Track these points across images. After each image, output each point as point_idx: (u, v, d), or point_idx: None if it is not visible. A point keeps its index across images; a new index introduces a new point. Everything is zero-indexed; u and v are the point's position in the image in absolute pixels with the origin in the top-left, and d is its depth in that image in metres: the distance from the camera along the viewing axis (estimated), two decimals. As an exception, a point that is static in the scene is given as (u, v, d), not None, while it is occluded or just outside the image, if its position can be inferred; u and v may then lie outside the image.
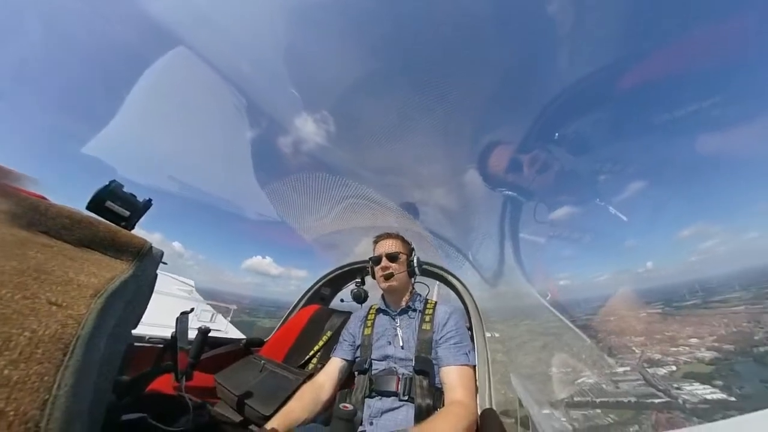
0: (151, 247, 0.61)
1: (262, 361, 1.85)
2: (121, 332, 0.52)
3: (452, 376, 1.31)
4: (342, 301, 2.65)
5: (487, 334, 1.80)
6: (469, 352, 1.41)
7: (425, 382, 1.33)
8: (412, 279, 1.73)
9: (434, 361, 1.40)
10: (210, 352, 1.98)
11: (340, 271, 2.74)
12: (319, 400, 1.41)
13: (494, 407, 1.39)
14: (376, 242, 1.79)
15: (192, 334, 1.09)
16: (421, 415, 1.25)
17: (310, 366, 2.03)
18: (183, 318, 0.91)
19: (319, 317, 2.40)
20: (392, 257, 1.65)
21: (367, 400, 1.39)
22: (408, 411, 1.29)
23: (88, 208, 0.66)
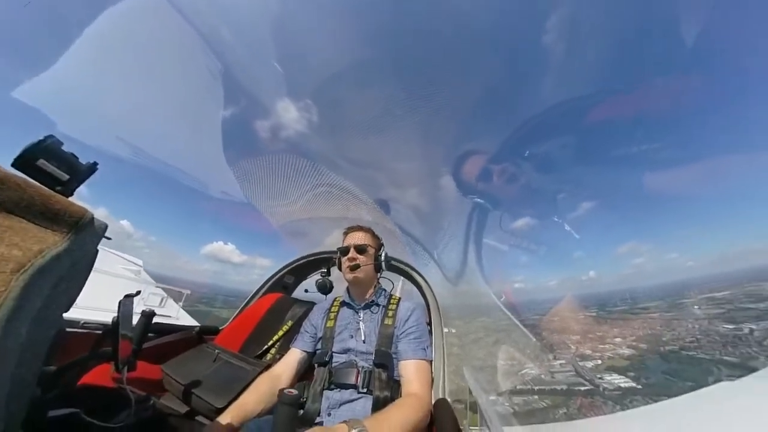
0: (93, 218, 0.53)
1: (216, 351, 1.74)
2: (49, 315, 0.45)
3: (410, 370, 1.35)
4: (306, 291, 2.59)
5: (445, 330, 1.87)
6: (427, 347, 1.46)
7: (384, 375, 1.36)
8: (378, 274, 1.75)
9: (394, 355, 1.43)
10: (157, 339, 1.82)
11: (305, 260, 2.67)
12: (275, 392, 1.38)
13: (447, 397, 1.46)
14: (346, 233, 1.79)
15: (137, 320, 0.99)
16: (378, 406, 1.27)
17: (268, 357, 1.96)
18: (127, 301, 0.82)
19: (280, 306, 2.31)
20: (360, 249, 1.66)
21: (325, 392, 1.39)
22: (366, 403, 1.31)
23: (15, 165, 0.54)
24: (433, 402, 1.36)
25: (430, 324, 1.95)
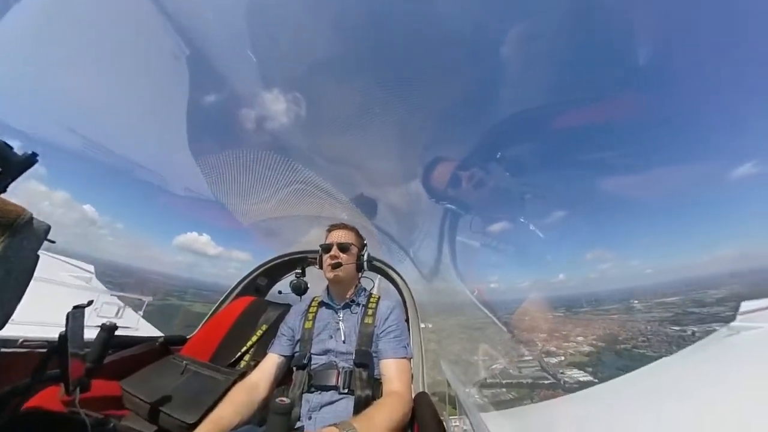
0: (32, 218, 0.46)
1: (184, 362, 1.62)
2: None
3: (391, 368, 1.35)
4: (280, 292, 2.50)
5: (422, 326, 1.91)
6: (407, 344, 1.46)
7: (365, 374, 1.35)
8: (360, 273, 1.73)
9: (374, 354, 1.42)
10: (116, 354, 1.66)
11: (279, 261, 2.58)
12: (254, 401, 1.31)
13: (426, 390, 1.50)
14: (329, 230, 1.75)
15: (91, 334, 0.88)
16: (360, 406, 1.26)
17: (242, 364, 1.86)
18: (77, 313, 0.73)
19: (253, 310, 2.21)
20: (343, 248, 1.63)
21: (305, 395, 1.35)
22: (348, 403, 1.29)
23: None
24: (413, 396, 1.37)
25: (407, 320, 1.97)
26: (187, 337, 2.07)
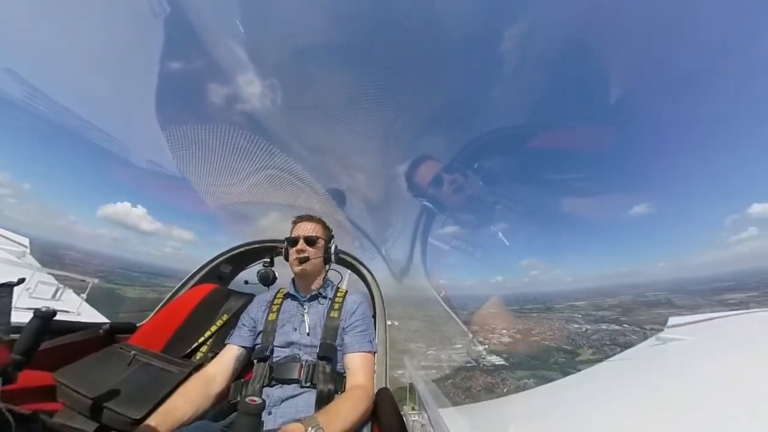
0: None
1: (132, 352, 1.50)
2: None
3: (355, 362, 1.36)
4: (246, 282, 2.40)
5: (388, 322, 1.93)
6: (372, 339, 1.48)
7: (328, 368, 1.34)
8: (327, 266, 1.72)
9: (338, 348, 1.41)
10: (53, 341, 1.48)
11: (246, 248, 2.46)
12: (210, 394, 1.26)
13: (388, 385, 1.53)
14: (295, 223, 1.71)
15: (22, 318, 0.78)
16: (322, 400, 1.25)
17: (199, 355, 1.76)
18: (2, 292, 0.64)
19: (214, 298, 2.10)
20: (310, 241, 1.60)
21: (265, 389, 1.31)
22: (309, 397, 1.28)
23: None
24: (375, 391, 1.39)
25: (374, 316, 1.98)
26: (138, 324, 1.92)
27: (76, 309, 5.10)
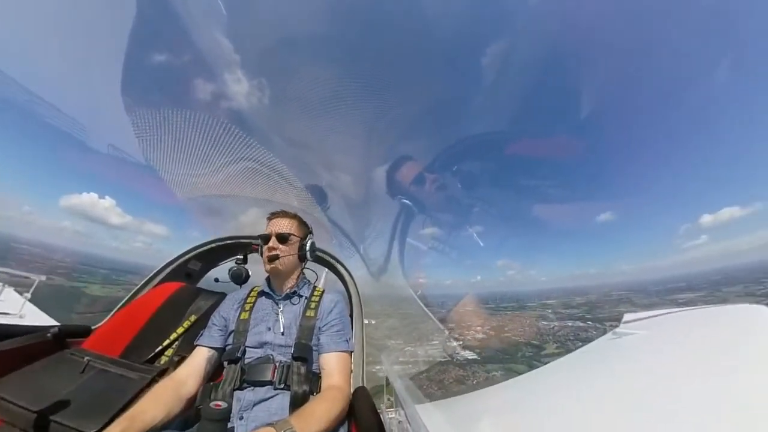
0: None
1: (86, 358, 1.36)
2: None
3: (331, 362, 1.34)
4: (216, 280, 2.28)
5: (365, 321, 1.92)
6: (349, 338, 1.47)
7: (303, 369, 1.30)
8: (302, 264, 1.67)
9: (314, 348, 1.39)
10: None
11: (218, 244, 2.33)
12: (180, 398, 1.18)
13: (366, 384, 1.50)
14: (269, 219, 1.65)
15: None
16: (297, 402, 1.22)
17: (163, 360, 1.64)
18: None
19: (181, 298, 1.97)
20: (282, 238, 1.56)
21: (236, 392, 1.26)
22: (283, 399, 1.24)
23: None
24: (352, 390, 1.37)
25: (351, 315, 1.96)
26: (93, 327, 1.76)
27: (17, 311, 4.60)
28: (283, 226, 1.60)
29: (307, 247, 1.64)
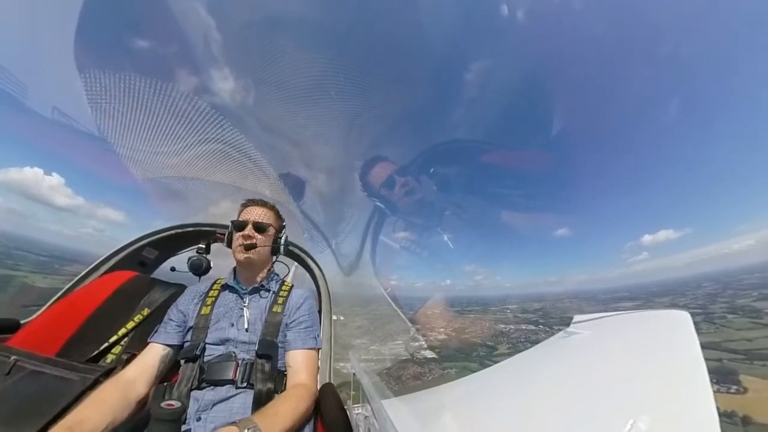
0: None
1: (13, 358, 1.19)
2: None
3: (298, 359, 1.31)
4: (173, 269, 2.12)
5: (334, 317, 1.91)
6: (317, 335, 1.44)
7: (267, 366, 1.26)
8: (274, 257, 1.63)
9: (280, 345, 1.34)
10: None
11: (177, 231, 2.16)
12: (129, 402, 1.08)
13: (333, 381, 1.50)
14: (245, 205, 1.56)
15: None
16: (261, 401, 1.17)
17: (110, 358, 1.50)
18: None
19: (132, 288, 1.80)
20: (260, 228, 1.49)
21: (194, 392, 1.18)
22: (245, 398, 1.19)
23: None
24: (319, 387, 1.35)
25: (320, 311, 1.93)
26: (22, 322, 1.55)
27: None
28: (261, 215, 1.52)
29: (282, 241, 1.58)
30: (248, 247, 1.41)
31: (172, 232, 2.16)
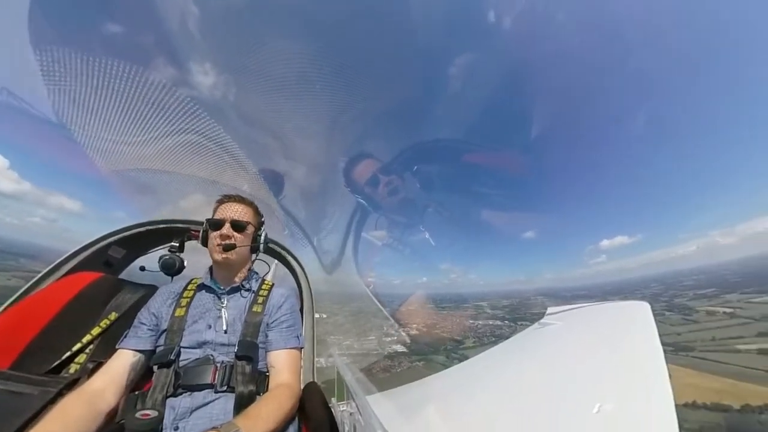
0: None
1: None
2: None
3: (281, 360, 1.28)
4: (142, 269, 2.00)
5: (316, 315, 1.89)
6: (299, 335, 1.41)
7: (248, 368, 1.22)
8: (254, 256, 1.57)
9: (261, 345, 1.30)
10: None
11: (149, 228, 2.04)
12: (97, 414, 1.01)
13: (316, 379, 1.49)
14: (221, 202, 1.48)
15: None
16: (243, 403, 1.13)
17: (73, 368, 1.39)
18: None
19: (98, 291, 1.68)
20: (238, 226, 1.42)
21: (170, 399, 1.11)
22: (226, 402, 1.14)
23: None
24: (303, 386, 1.34)
25: (302, 310, 1.90)
26: None
27: None
28: (240, 212, 1.45)
29: (261, 239, 1.52)
30: (227, 248, 1.35)
31: (142, 229, 2.02)
